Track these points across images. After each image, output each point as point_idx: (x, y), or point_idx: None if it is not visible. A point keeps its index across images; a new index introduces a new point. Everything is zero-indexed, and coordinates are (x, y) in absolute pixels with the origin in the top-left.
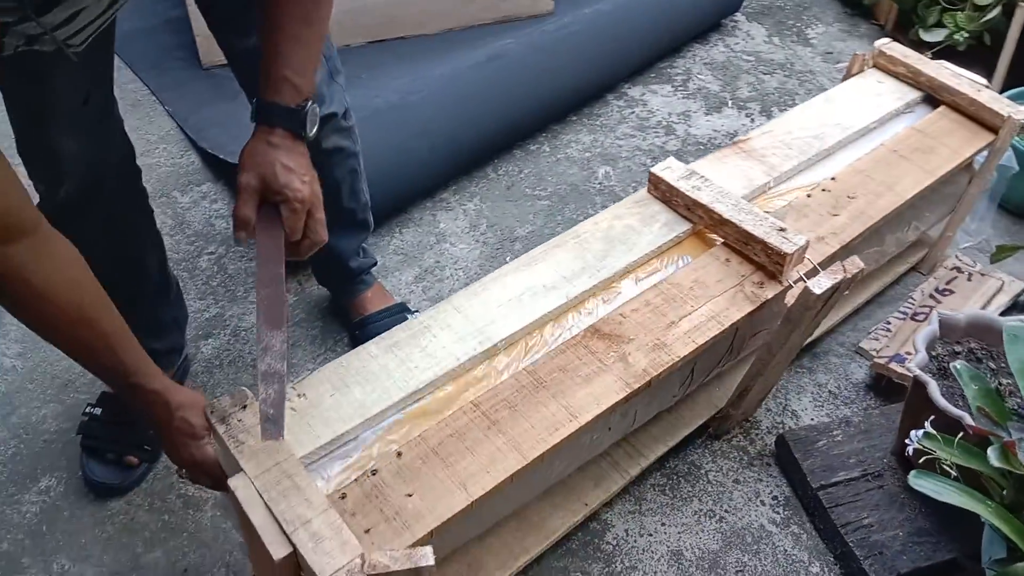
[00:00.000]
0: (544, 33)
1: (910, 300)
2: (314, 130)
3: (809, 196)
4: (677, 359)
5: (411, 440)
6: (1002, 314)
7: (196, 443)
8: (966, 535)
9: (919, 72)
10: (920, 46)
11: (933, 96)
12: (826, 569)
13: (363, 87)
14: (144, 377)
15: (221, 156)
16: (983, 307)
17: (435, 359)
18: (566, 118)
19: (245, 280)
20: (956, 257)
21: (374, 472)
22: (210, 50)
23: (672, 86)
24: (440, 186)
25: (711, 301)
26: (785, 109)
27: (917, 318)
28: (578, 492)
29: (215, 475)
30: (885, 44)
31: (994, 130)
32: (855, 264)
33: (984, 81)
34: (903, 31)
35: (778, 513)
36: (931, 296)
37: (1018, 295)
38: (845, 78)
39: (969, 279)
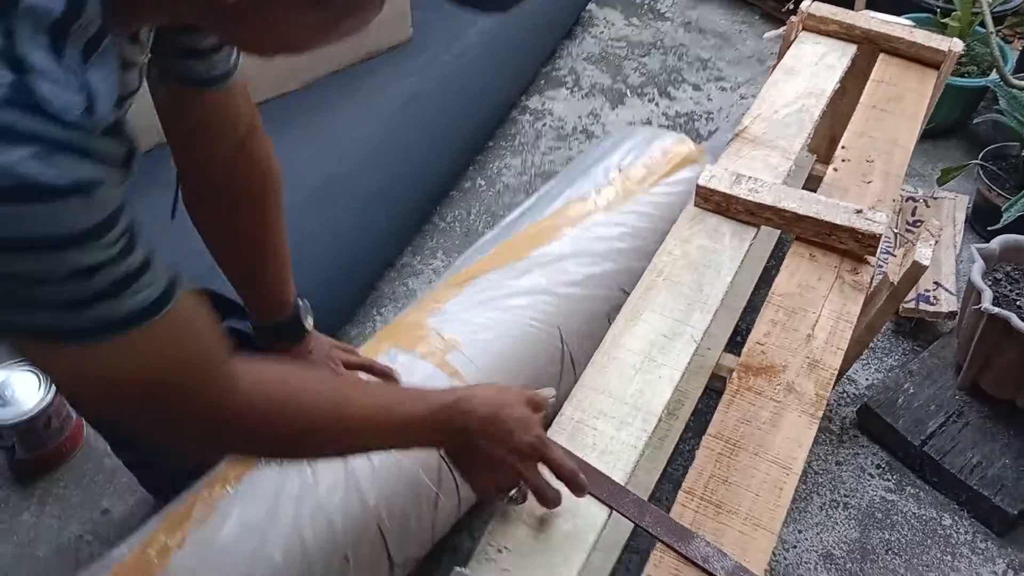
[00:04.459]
0: (445, 64)
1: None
2: (311, 318)
3: (836, 170)
4: (835, 371)
5: (653, 556)
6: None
7: (532, 423)
8: None
9: (852, 26)
10: None
11: (871, 45)
12: (957, 518)
13: (282, 160)
14: (440, 395)
15: None
16: (952, 225)
17: (613, 455)
18: (483, 146)
19: None
20: (901, 189)
21: None
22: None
23: (567, 89)
24: (397, 252)
25: (826, 302)
26: (680, 87)
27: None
28: None
29: (557, 455)
30: (810, 6)
31: (935, 66)
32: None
33: (906, 21)
34: None
35: (889, 480)
36: (907, 231)
37: (967, 207)
38: (783, 46)
39: (927, 205)
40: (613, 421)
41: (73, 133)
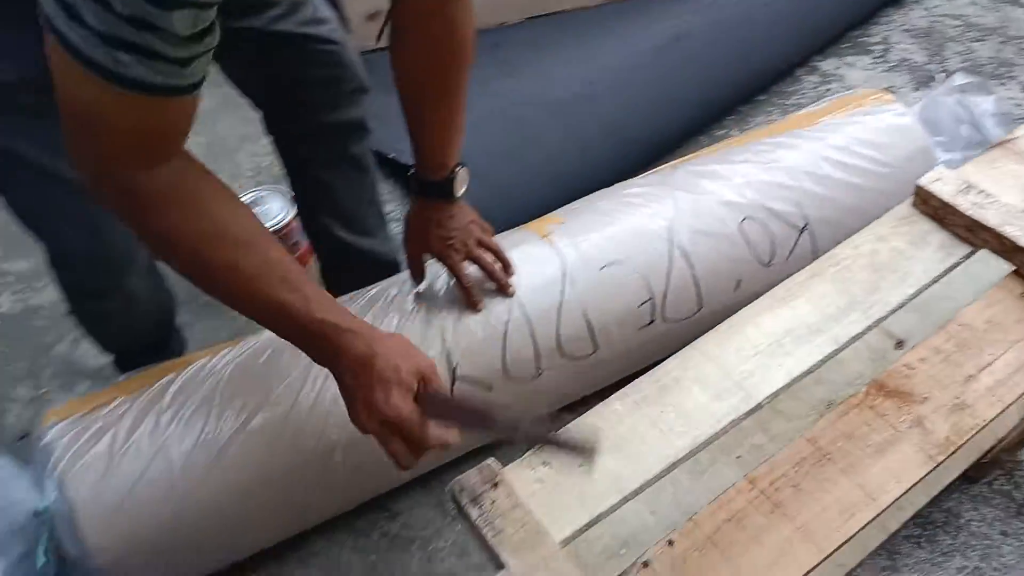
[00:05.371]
0: (731, 5)
1: None
2: (463, 189)
3: None
4: (983, 422)
5: (683, 526)
6: None
7: (399, 391)
8: None
9: None
10: None
11: None
12: None
13: (536, 74)
14: (333, 314)
15: (391, 155)
16: None
17: (692, 421)
18: (753, 99)
19: None
20: None
21: (646, 564)
22: (366, 35)
23: (871, 58)
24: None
25: (1013, 347)
26: (1003, 83)
27: None
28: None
29: (415, 434)
30: None
31: None
32: None
33: None
34: None
35: None
36: None
37: None
38: None
39: None
40: (709, 391)
41: None
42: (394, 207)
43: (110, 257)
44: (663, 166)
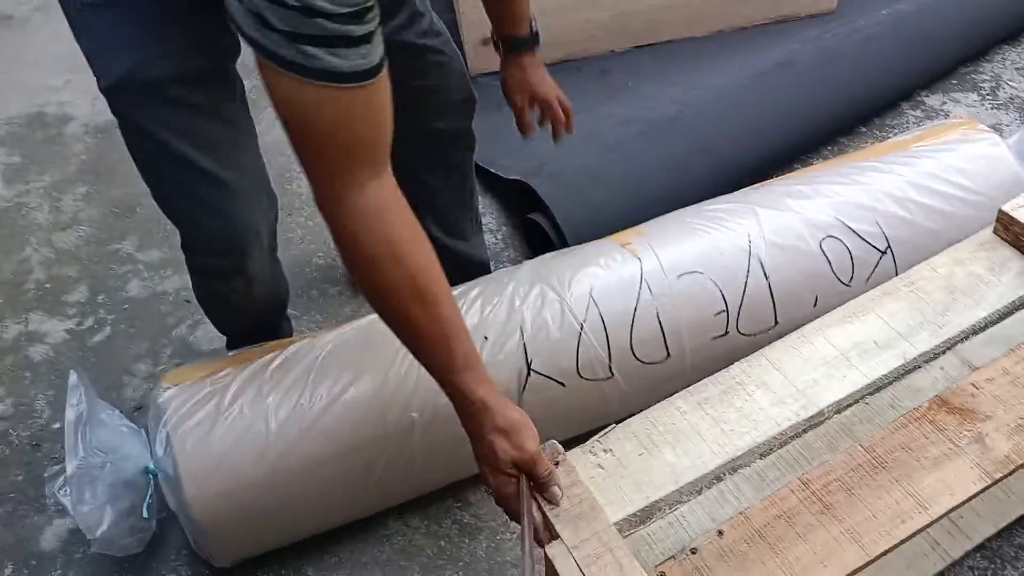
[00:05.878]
0: (836, 38)
1: None
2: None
3: None
4: None
5: (734, 518)
6: None
7: (496, 474)
8: None
9: None
10: None
11: None
12: None
13: (635, 95)
14: (469, 381)
15: (492, 170)
16: None
17: (752, 422)
18: (854, 129)
19: None
20: None
21: (693, 551)
22: (479, 59)
23: (978, 95)
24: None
25: None
26: None
27: None
28: (887, 573)
29: (512, 510)
30: None
31: None
32: None
33: None
34: None
35: None
36: None
37: None
38: None
39: None
40: (772, 396)
41: None
42: (490, 219)
43: (236, 243)
44: (749, 188)
